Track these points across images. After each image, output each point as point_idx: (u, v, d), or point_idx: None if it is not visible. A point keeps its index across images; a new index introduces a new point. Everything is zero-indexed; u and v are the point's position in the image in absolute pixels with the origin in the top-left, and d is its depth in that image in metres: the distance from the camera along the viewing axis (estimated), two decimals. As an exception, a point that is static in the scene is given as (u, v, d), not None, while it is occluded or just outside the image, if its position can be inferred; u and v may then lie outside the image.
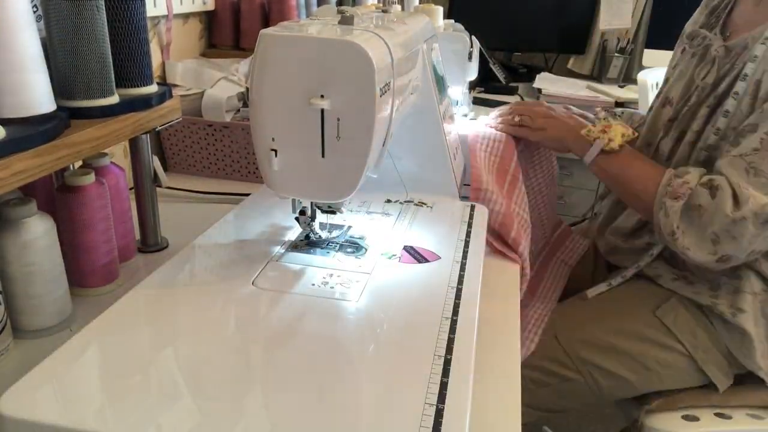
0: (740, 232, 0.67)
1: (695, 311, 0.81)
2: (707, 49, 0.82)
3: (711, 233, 0.69)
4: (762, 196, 0.67)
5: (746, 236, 0.67)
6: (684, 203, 0.71)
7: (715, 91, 0.78)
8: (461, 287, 0.50)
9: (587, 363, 0.83)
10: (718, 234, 0.69)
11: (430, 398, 0.36)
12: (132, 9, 0.59)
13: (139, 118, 0.60)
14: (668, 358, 0.81)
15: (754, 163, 0.68)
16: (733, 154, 0.70)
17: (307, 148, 0.46)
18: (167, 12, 0.94)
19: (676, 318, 0.81)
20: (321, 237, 0.57)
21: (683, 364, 0.80)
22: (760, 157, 0.68)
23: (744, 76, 0.74)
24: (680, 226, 0.71)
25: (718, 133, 0.76)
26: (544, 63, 2.01)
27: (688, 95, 0.83)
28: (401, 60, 0.51)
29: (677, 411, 0.81)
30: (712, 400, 0.81)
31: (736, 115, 0.74)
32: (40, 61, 0.50)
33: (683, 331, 0.80)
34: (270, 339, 0.44)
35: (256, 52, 0.44)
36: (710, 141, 0.77)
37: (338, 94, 0.43)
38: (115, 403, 0.36)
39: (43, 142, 0.48)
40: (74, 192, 0.57)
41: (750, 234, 0.67)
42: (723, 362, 0.80)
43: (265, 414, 0.36)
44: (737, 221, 0.67)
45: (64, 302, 0.55)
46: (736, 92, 0.74)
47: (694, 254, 0.71)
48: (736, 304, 0.77)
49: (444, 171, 0.71)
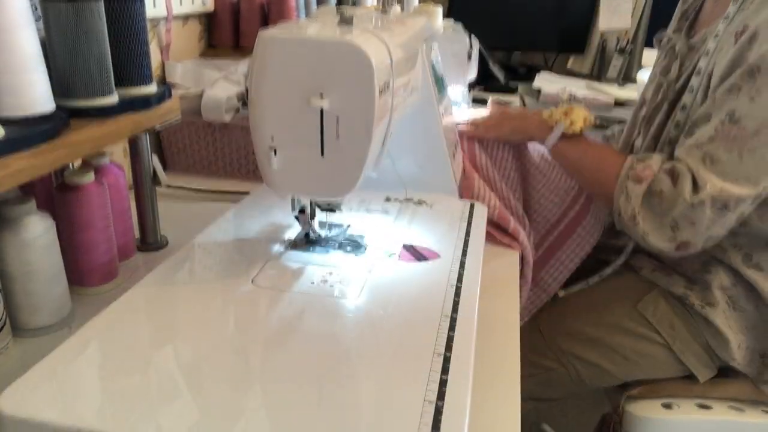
0: (698, 216, 0.68)
1: (675, 303, 0.81)
2: (673, 49, 0.84)
3: (671, 220, 0.69)
4: (719, 180, 0.67)
5: (704, 221, 0.68)
6: (646, 188, 0.71)
7: (675, 86, 0.80)
8: (460, 285, 0.50)
9: (567, 354, 0.85)
10: (677, 220, 0.69)
11: (430, 396, 0.36)
12: (131, 9, 0.60)
13: (139, 118, 0.60)
14: (647, 348, 0.82)
15: (710, 151, 0.68)
16: (690, 144, 0.71)
17: (306, 147, 0.46)
18: (167, 13, 0.94)
19: (656, 309, 0.82)
20: (320, 235, 0.57)
21: (662, 355, 0.81)
22: (715, 147, 0.68)
23: (699, 70, 0.75)
24: (641, 212, 0.71)
25: (677, 128, 0.77)
26: (543, 62, 2.01)
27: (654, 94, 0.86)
28: (400, 60, 0.52)
29: (658, 399, 0.81)
30: (694, 390, 0.82)
31: (693, 108, 0.75)
32: (39, 61, 0.50)
33: (662, 323, 0.81)
34: (269, 337, 0.44)
35: (254, 53, 0.44)
36: (671, 135, 0.78)
37: (337, 94, 0.43)
38: (114, 401, 0.36)
39: (42, 142, 0.48)
40: (74, 191, 0.57)
41: (707, 219, 0.68)
42: (702, 354, 0.80)
43: (265, 412, 0.36)
44: (696, 206, 0.67)
45: (64, 301, 0.55)
46: (691, 86, 0.76)
47: (652, 240, 0.71)
48: (706, 298, 0.78)
49: (443, 170, 0.71)
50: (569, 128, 0.79)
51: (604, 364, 0.83)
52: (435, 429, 0.34)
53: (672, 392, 0.82)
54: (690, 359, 0.80)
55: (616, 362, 0.83)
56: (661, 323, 0.81)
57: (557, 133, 0.80)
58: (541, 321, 0.88)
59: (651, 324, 0.81)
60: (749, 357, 0.78)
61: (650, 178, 0.71)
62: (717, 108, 0.69)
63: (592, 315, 0.85)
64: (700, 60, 0.75)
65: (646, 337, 0.81)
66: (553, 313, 0.89)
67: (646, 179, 0.71)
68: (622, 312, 0.83)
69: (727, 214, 0.68)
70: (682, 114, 0.76)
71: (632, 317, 0.82)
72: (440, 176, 0.71)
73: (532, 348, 0.86)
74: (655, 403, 0.81)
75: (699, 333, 0.80)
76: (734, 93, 0.67)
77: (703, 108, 0.72)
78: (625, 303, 0.84)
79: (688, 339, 0.80)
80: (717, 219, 0.68)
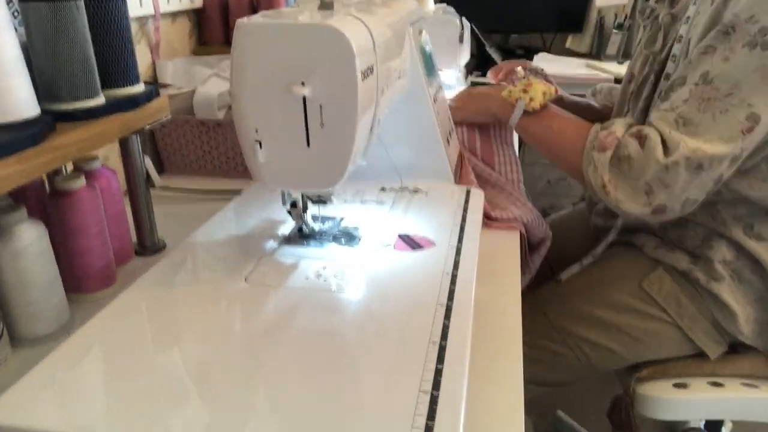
0: (673, 178, 0.66)
1: (681, 280, 0.80)
2: (654, 20, 0.82)
3: (643, 183, 0.68)
4: (693, 141, 0.65)
5: (679, 182, 0.66)
6: (612, 154, 0.69)
7: (660, 56, 0.79)
8: (456, 272, 0.49)
9: (574, 336, 0.83)
10: (650, 183, 0.67)
11: (425, 385, 0.36)
12: (113, 8, 0.59)
13: (126, 119, 0.59)
14: (655, 327, 0.80)
15: (683, 113, 0.67)
16: (663, 108, 0.69)
17: (291, 137, 0.45)
18: (154, 11, 0.93)
19: (662, 287, 0.80)
20: (314, 229, 0.57)
21: (671, 333, 0.80)
22: (689, 107, 0.66)
23: (680, 38, 0.73)
24: (611, 180, 0.70)
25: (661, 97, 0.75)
26: (541, 43, 1.98)
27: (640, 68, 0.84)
28: (384, 43, 0.50)
29: (669, 379, 0.80)
30: (704, 368, 0.80)
31: None
32: (20, 65, 0.49)
33: (669, 301, 0.79)
34: (264, 334, 0.43)
35: (233, 44, 0.43)
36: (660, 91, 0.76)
37: (319, 80, 0.42)
38: (115, 406, 0.36)
39: (28, 147, 0.48)
40: (65, 197, 0.56)
41: (683, 180, 0.66)
42: (711, 330, 0.79)
43: (267, 407, 0.36)
44: (669, 167, 0.65)
45: (62, 308, 0.55)
46: (674, 55, 0.74)
47: (627, 207, 0.69)
48: (710, 273, 0.77)
49: (438, 156, 0.70)
50: (529, 105, 0.78)
51: (612, 345, 0.82)
52: (430, 419, 0.33)
53: (682, 371, 0.81)
54: (699, 336, 0.79)
55: (624, 343, 0.81)
56: (668, 300, 0.79)
57: (519, 111, 0.79)
58: (545, 305, 0.87)
59: (657, 302, 0.80)
60: (758, 329, 0.77)
61: (615, 143, 0.69)
62: (692, 70, 0.68)
63: (597, 296, 0.84)
64: (681, 27, 0.73)
65: (653, 316, 0.80)
66: (557, 296, 0.88)
67: (611, 146, 0.70)
68: (628, 291, 0.82)
69: (701, 174, 0.66)
70: (665, 83, 0.75)
71: (638, 296, 0.81)
72: (435, 163, 0.70)
73: (538, 333, 0.85)
74: (666, 383, 0.80)
75: (706, 309, 0.78)
76: (709, 54, 0.66)
77: (678, 71, 0.70)
78: (630, 282, 0.82)
79: (695, 315, 0.79)
80: (692, 180, 0.66)
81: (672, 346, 0.81)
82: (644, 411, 0.80)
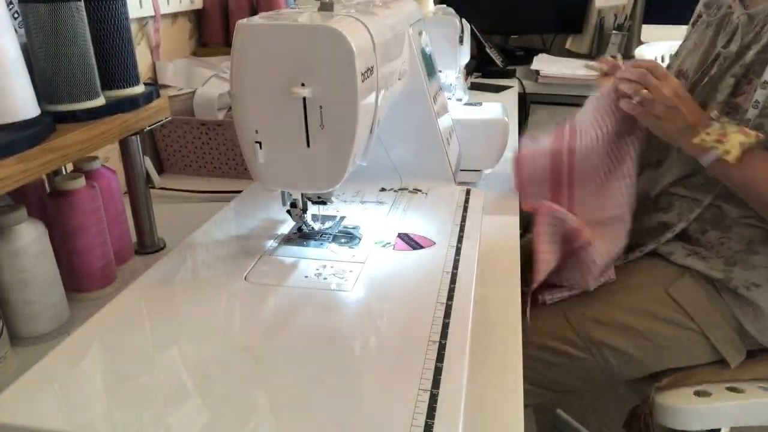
0: None
1: (708, 288, 0.79)
2: (726, 17, 0.79)
3: None
4: None
5: None
6: None
7: (741, 60, 0.75)
8: (456, 272, 0.49)
9: (597, 342, 0.81)
10: None
11: (425, 384, 0.36)
12: (112, 9, 0.59)
13: (126, 119, 0.60)
14: (679, 335, 0.79)
15: None
16: None
17: (291, 138, 0.45)
18: (154, 12, 0.93)
19: (689, 295, 0.79)
20: (314, 229, 0.57)
21: (695, 342, 0.79)
22: None
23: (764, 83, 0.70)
24: None
25: (756, 107, 0.72)
26: (542, 44, 1.98)
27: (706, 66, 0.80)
28: (384, 44, 0.50)
29: (689, 387, 0.79)
30: (723, 375, 0.80)
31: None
32: (20, 66, 0.49)
33: (696, 309, 0.79)
34: (263, 332, 0.43)
35: (233, 45, 0.43)
36: (749, 116, 0.73)
37: (319, 81, 0.42)
38: (111, 404, 0.36)
39: (28, 148, 0.48)
40: (65, 197, 0.56)
41: None
42: (735, 338, 0.79)
43: (266, 406, 0.36)
44: None
45: (61, 307, 0.55)
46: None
47: None
48: (751, 278, 0.76)
49: (438, 156, 0.70)
50: (724, 157, 0.70)
51: (635, 352, 0.80)
52: (429, 417, 0.33)
53: (701, 379, 0.80)
54: (724, 345, 0.78)
55: (646, 350, 0.80)
56: (696, 309, 0.78)
57: (711, 157, 0.72)
58: (567, 309, 0.84)
59: (684, 310, 0.78)
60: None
61: None
62: None
63: (622, 301, 0.82)
64: None
65: (678, 324, 0.79)
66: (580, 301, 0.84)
67: None
68: (653, 298, 0.81)
69: None
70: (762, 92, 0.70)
71: (664, 302, 0.80)
72: (435, 163, 0.70)
73: (559, 337, 0.83)
74: (686, 391, 0.79)
75: (731, 316, 0.78)
76: None
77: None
78: (655, 288, 0.81)
79: (721, 323, 0.78)
80: None
81: (694, 353, 0.80)
82: (664, 421, 0.78)
